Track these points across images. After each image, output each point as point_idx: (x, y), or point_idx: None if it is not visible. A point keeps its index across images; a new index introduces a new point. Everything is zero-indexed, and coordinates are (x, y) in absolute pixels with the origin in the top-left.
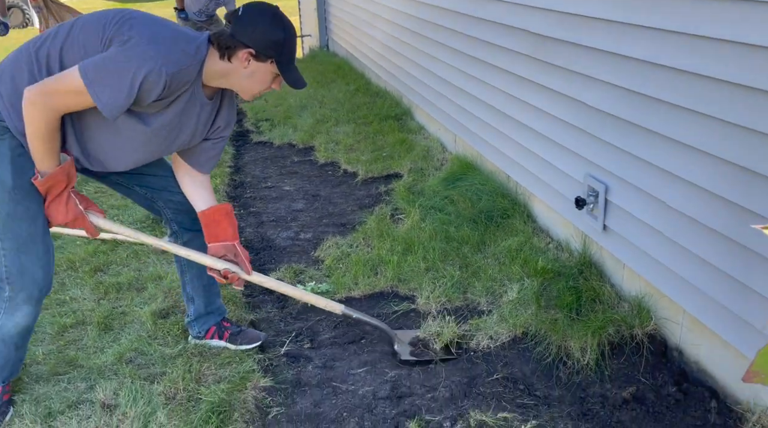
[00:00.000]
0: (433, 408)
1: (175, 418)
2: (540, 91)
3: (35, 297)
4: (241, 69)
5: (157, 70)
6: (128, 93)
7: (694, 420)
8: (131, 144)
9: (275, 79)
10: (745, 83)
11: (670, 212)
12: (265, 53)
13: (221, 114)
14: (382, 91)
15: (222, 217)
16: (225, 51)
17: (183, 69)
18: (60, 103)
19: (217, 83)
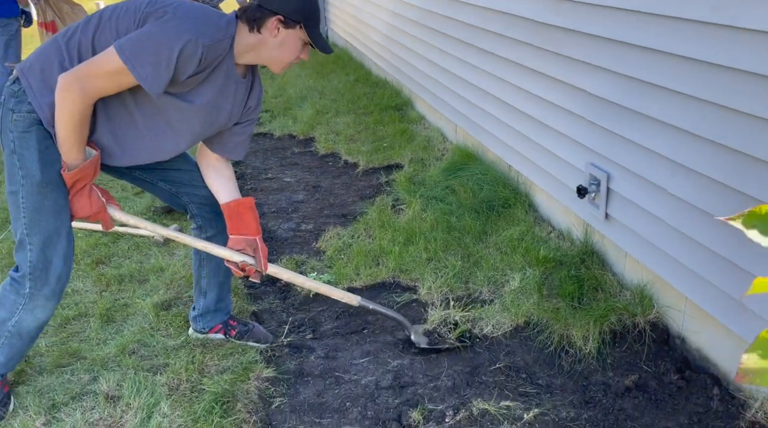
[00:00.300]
0: (435, 397)
1: (178, 409)
2: (541, 79)
3: (58, 292)
4: (270, 39)
5: (194, 41)
6: (167, 65)
7: (696, 408)
8: (175, 127)
9: (303, 47)
10: (747, 69)
11: (672, 199)
12: (293, 18)
13: (253, 92)
14: (382, 81)
15: (246, 210)
16: (254, 23)
17: (217, 41)
18: (97, 86)
19: (248, 59)
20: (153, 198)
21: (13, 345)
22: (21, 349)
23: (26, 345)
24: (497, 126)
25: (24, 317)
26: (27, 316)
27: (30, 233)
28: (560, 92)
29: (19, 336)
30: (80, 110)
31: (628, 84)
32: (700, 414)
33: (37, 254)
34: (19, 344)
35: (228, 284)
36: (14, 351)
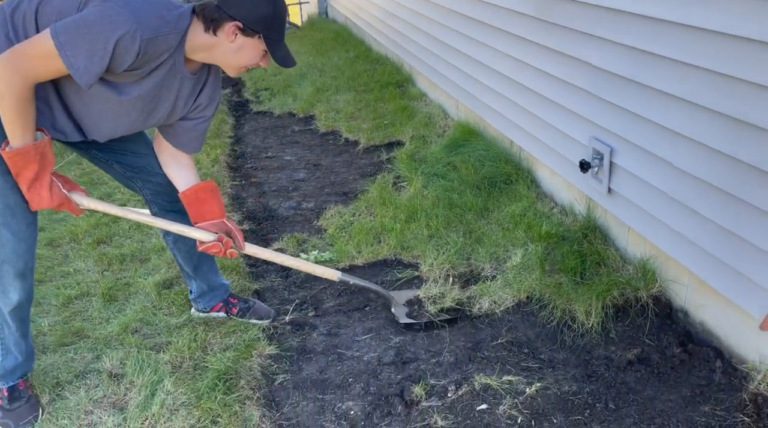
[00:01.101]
0: (437, 373)
1: (182, 386)
2: (543, 52)
3: (21, 272)
4: (227, 43)
5: (131, 34)
6: (101, 57)
7: (698, 380)
8: (107, 114)
9: (263, 56)
10: (749, 36)
11: (675, 172)
12: (253, 28)
13: (204, 91)
14: (382, 57)
15: (207, 195)
16: (210, 23)
17: (160, 36)
18: (31, 69)
19: (201, 57)
20: None
21: (5, 339)
22: (18, 344)
23: (20, 338)
24: (499, 101)
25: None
26: (1, 300)
27: None
28: (563, 65)
29: (6, 324)
30: (19, 91)
31: (631, 55)
32: (703, 386)
33: None
34: (11, 337)
35: (208, 264)
36: (12, 345)
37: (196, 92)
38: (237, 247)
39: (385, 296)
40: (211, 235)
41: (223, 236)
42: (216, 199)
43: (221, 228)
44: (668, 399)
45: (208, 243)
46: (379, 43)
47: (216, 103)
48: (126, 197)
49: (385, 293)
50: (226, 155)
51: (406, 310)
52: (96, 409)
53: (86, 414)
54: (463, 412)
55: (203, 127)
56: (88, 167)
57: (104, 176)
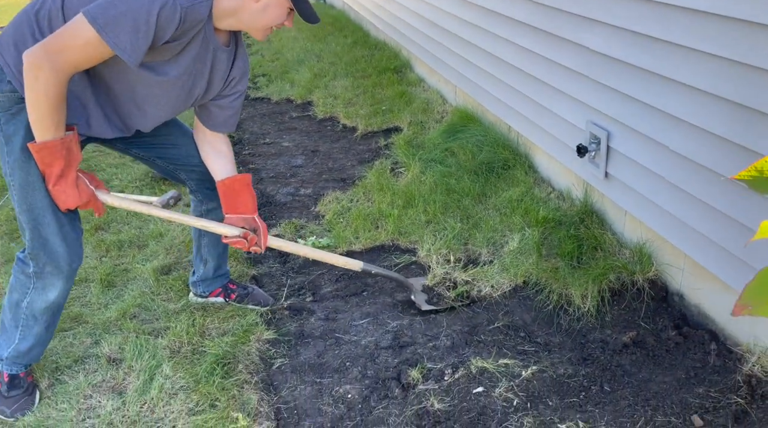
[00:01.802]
0: (434, 356)
1: (180, 370)
2: (542, 37)
3: (65, 272)
4: (252, 3)
5: (171, 4)
6: (146, 32)
7: (693, 363)
8: (150, 99)
9: (288, 14)
10: (747, 18)
11: (672, 156)
12: None
13: (236, 64)
14: (380, 43)
15: (242, 187)
16: None
17: (196, 4)
18: (69, 60)
19: (228, 24)
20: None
21: (30, 328)
22: (40, 334)
23: (44, 330)
24: (497, 86)
25: (35, 297)
26: (38, 297)
27: (21, 210)
28: (561, 50)
29: (34, 318)
30: (54, 88)
31: (629, 39)
32: (697, 368)
33: (30, 232)
34: (37, 328)
35: (226, 254)
36: (33, 335)
37: (229, 66)
38: (259, 244)
39: (405, 284)
40: (236, 230)
41: (249, 233)
42: (250, 192)
43: (250, 224)
44: (663, 381)
45: (233, 238)
46: (377, 29)
47: (247, 77)
48: (123, 184)
49: (406, 282)
50: None
51: (425, 297)
52: (95, 393)
53: (85, 398)
54: (459, 395)
55: (238, 103)
56: (85, 153)
57: (101, 162)
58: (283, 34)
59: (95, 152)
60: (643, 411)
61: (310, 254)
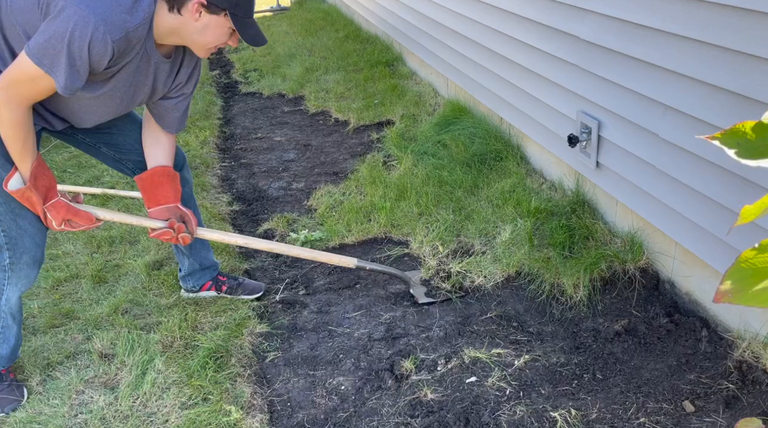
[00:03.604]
0: (427, 347)
1: (173, 365)
2: (532, 27)
3: (38, 259)
4: (192, 22)
5: (101, 39)
6: (80, 67)
7: (684, 349)
8: (87, 109)
9: (232, 34)
10: (735, 5)
11: (662, 143)
12: (217, 4)
13: (182, 70)
14: (372, 37)
15: (162, 179)
16: (174, 2)
17: (129, 31)
18: (22, 94)
19: (170, 40)
20: None
21: (9, 329)
22: (18, 334)
23: (19, 326)
24: (488, 78)
25: (11, 292)
26: (13, 290)
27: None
28: (552, 40)
29: (12, 317)
30: (20, 118)
31: (619, 27)
32: (689, 355)
33: (8, 224)
34: (15, 327)
35: (206, 243)
36: (13, 336)
37: (173, 73)
38: (189, 231)
39: (402, 278)
40: (160, 222)
41: (174, 222)
42: (171, 184)
43: (174, 213)
44: (655, 368)
45: (159, 230)
46: (368, 23)
47: (195, 80)
48: (114, 180)
49: (403, 276)
50: (215, 137)
51: (424, 290)
52: (87, 389)
53: (77, 394)
54: (452, 385)
55: (184, 104)
56: (75, 149)
57: (90, 159)
58: (274, 28)
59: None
60: (635, 398)
61: (303, 254)
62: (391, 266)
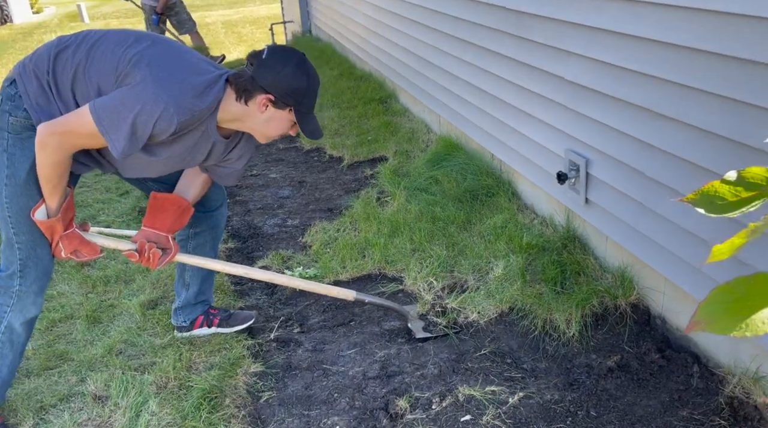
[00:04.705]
0: (422, 385)
1: (166, 406)
2: (520, 67)
3: (44, 288)
4: (257, 114)
5: (168, 118)
6: (139, 138)
7: (677, 385)
8: (139, 168)
9: (293, 126)
10: (722, 53)
11: (648, 181)
12: (284, 101)
13: (236, 149)
14: (365, 74)
15: (170, 207)
16: (243, 94)
17: (195, 115)
18: (73, 144)
19: (232, 125)
20: (138, 199)
21: (3, 357)
22: (10, 363)
23: (17, 358)
24: (479, 116)
25: (13, 319)
26: (16, 317)
27: (18, 232)
28: (539, 80)
29: (11, 343)
30: (60, 161)
31: (604, 70)
32: (681, 391)
33: (27, 252)
34: (11, 356)
35: (211, 280)
36: (4, 365)
37: (228, 151)
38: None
39: (401, 312)
40: (129, 244)
41: (145, 245)
42: (176, 216)
43: (162, 242)
44: (648, 405)
45: (126, 251)
46: (362, 61)
47: (247, 159)
48: (110, 219)
49: (401, 309)
50: None
51: (422, 324)
52: None
53: None
54: (447, 424)
55: (235, 174)
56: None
57: (88, 198)
58: None
59: (81, 187)
60: None
61: (302, 285)
62: None
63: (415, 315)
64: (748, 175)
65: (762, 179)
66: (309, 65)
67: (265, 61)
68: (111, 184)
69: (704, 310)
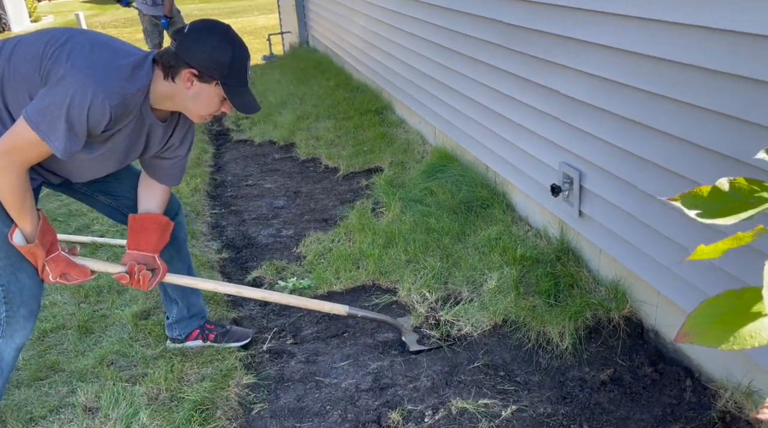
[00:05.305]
0: (415, 398)
1: (157, 418)
2: (515, 81)
3: (35, 312)
4: (184, 90)
5: (100, 105)
6: (77, 133)
7: (669, 399)
8: (82, 168)
9: (224, 102)
10: (714, 68)
11: (641, 195)
12: (209, 74)
13: (175, 133)
14: (362, 85)
15: (151, 226)
16: (168, 70)
17: (127, 98)
18: (23, 158)
19: (165, 106)
20: None
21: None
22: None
23: (4, 382)
24: (474, 128)
25: (3, 347)
26: (7, 344)
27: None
28: (534, 93)
29: (1, 371)
30: (18, 180)
31: (597, 84)
32: (674, 405)
33: (7, 277)
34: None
35: (195, 291)
36: None
37: (167, 135)
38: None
39: (394, 325)
40: (118, 267)
41: (134, 267)
42: (158, 234)
43: (149, 262)
44: (641, 419)
45: (116, 274)
46: (359, 72)
47: (188, 144)
48: (104, 228)
49: (395, 323)
50: (206, 184)
51: (417, 337)
52: None
53: None
54: None
55: (180, 165)
56: (67, 198)
57: (81, 207)
58: (266, 77)
59: None
60: None
61: (294, 302)
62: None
63: (409, 328)
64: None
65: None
66: (234, 36)
67: (187, 35)
68: None
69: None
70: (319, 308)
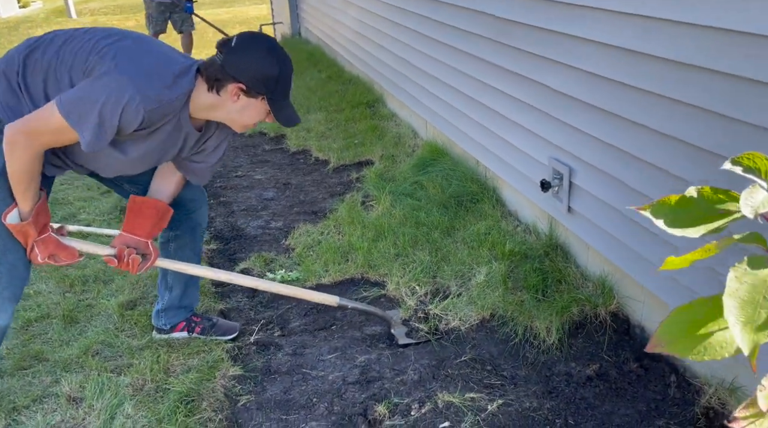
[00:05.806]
0: (401, 391)
1: (142, 409)
2: (505, 75)
3: (17, 296)
4: (230, 103)
5: (135, 107)
6: (107, 129)
7: (654, 395)
8: (113, 166)
9: (267, 114)
10: (705, 66)
11: (629, 192)
12: (256, 89)
13: (210, 140)
14: (354, 78)
15: (149, 211)
16: (214, 83)
17: (163, 105)
18: (43, 141)
19: (205, 115)
20: (119, 198)
21: None
22: None
23: None
24: (465, 122)
25: None
26: None
27: None
28: (523, 87)
29: None
30: (29, 162)
31: (588, 80)
32: (658, 401)
33: None
34: None
35: (195, 282)
36: None
37: (202, 142)
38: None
39: (384, 317)
40: (108, 249)
41: (124, 250)
42: (155, 220)
43: (141, 247)
44: (625, 414)
45: (106, 256)
46: (351, 64)
47: (221, 153)
48: (91, 217)
49: (384, 315)
50: None
51: (405, 330)
52: None
53: None
54: None
55: (210, 169)
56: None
57: (69, 196)
58: None
59: (62, 185)
60: None
61: (286, 291)
62: None
63: (398, 321)
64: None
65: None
66: (280, 51)
67: (234, 48)
68: (92, 182)
69: (664, 330)
70: (311, 298)
